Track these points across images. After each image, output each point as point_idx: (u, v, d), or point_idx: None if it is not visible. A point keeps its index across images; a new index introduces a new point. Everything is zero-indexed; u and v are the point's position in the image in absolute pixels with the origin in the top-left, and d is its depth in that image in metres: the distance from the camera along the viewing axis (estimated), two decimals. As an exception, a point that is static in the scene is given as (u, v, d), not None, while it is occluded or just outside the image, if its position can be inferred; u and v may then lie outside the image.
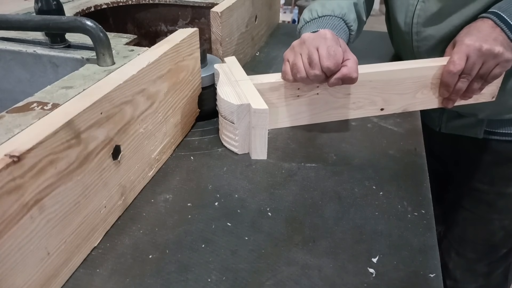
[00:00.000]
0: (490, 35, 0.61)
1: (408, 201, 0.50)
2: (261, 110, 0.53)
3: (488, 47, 0.60)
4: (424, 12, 0.71)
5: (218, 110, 0.59)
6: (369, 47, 0.98)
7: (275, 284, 0.39)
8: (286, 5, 3.86)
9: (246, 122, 0.56)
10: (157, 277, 0.40)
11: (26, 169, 0.31)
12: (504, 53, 0.60)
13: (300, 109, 0.65)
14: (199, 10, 0.88)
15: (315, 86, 0.63)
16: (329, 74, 0.57)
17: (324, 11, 0.68)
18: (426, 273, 0.41)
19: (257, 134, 0.55)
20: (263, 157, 0.57)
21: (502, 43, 0.60)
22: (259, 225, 0.46)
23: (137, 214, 0.48)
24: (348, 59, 0.57)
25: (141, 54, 0.52)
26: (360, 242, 0.44)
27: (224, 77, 0.62)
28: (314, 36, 0.58)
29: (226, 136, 0.59)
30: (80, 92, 0.42)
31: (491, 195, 0.85)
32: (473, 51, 0.61)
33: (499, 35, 0.61)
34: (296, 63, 0.58)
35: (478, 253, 0.93)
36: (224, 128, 0.59)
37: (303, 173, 0.55)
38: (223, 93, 0.57)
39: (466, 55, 0.61)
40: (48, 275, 0.36)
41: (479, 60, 0.61)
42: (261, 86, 0.60)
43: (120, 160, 0.45)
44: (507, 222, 0.87)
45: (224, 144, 0.60)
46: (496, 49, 0.60)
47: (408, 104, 0.70)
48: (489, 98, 0.72)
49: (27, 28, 0.54)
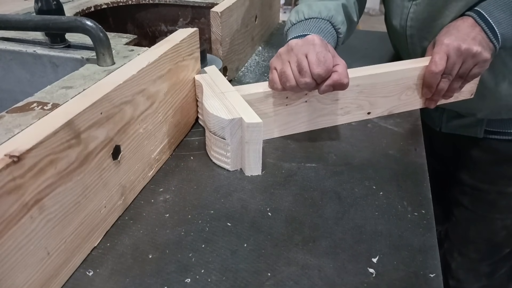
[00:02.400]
0: (469, 34, 0.61)
1: (408, 201, 0.50)
2: (255, 124, 0.50)
3: (466, 46, 0.60)
4: (416, 15, 0.71)
5: (205, 126, 0.56)
6: (369, 47, 0.98)
7: (275, 284, 0.39)
8: (286, 5, 3.86)
9: (238, 137, 0.53)
10: (157, 277, 0.40)
11: (26, 169, 0.31)
12: (482, 53, 0.60)
13: (289, 118, 0.62)
14: (199, 10, 0.88)
15: (303, 94, 0.61)
16: (320, 81, 0.55)
17: (310, 13, 0.66)
18: (426, 273, 0.41)
19: (250, 149, 0.52)
20: (257, 173, 0.54)
21: (480, 42, 0.60)
22: (259, 225, 0.46)
23: (137, 214, 0.48)
24: (337, 65, 0.55)
25: (141, 54, 0.52)
26: (360, 242, 0.44)
27: (208, 89, 0.58)
28: (302, 42, 0.56)
29: (216, 152, 0.55)
30: (80, 92, 0.42)
31: (492, 195, 0.86)
32: (452, 50, 0.60)
33: (478, 34, 0.60)
34: (285, 71, 0.55)
35: (481, 253, 0.93)
36: (213, 144, 0.55)
37: (303, 173, 0.55)
38: (211, 107, 0.53)
39: (446, 54, 0.61)
40: (48, 275, 0.36)
41: (458, 60, 0.61)
42: (249, 97, 0.57)
43: (120, 160, 0.45)
44: (509, 222, 0.87)
45: (214, 161, 0.56)
46: (475, 49, 0.59)
47: (393, 106, 0.69)
48: (468, 96, 0.73)
49: (27, 28, 0.54)
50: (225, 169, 0.55)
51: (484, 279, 0.96)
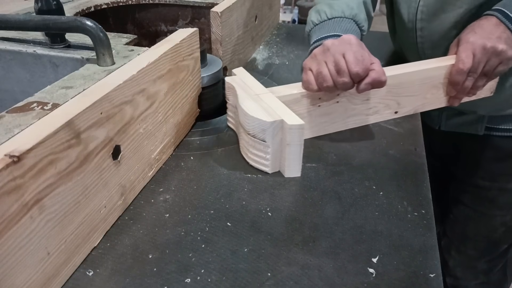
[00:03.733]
0: (493, 33, 0.61)
1: (408, 201, 0.50)
2: (297, 126, 0.50)
3: (491, 44, 0.60)
4: (427, 7, 0.71)
5: (241, 128, 0.55)
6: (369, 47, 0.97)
7: (275, 284, 0.39)
8: (286, 5, 3.86)
9: (279, 139, 0.52)
10: (157, 277, 0.40)
11: (26, 169, 0.31)
12: (507, 51, 0.60)
13: (321, 119, 0.62)
14: (199, 10, 0.88)
15: (335, 95, 0.60)
16: (357, 80, 0.55)
17: (333, 13, 0.66)
18: (426, 273, 0.41)
19: (291, 151, 0.52)
20: (297, 175, 0.54)
21: (506, 40, 0.60)
22: (259, 225, 0.46)
23: (137, 214, 0.48)
24: (373, 63, 0.56)
25: (141, 54, 0.52)
26: (360, 242, 0.44)
27: (241, 91, 0.58)
28: (338, 42, 0.56)
29: (254, 155, 0.55)
30: (80, 92, 0.42)
31: (493, 191, 0.85)
32: (478, 48, 0.61)
33: (503, 33, 0.61)
34: (322, 71, 0.55)
35: (479, 250, 0.93)
36: (251, 146, 0.54)
37: (303, 173, 0.55)
38: (250, 109, 0.53)
39: (472, 52, 0.61)
40: (48, 275, 0.36)
41: (483, 58, 0.61)
42: (283, 98, 0.56)
43: (120, 160, 0.45)
44: (508, 218, 0.87)
45: (251, 163, 0.56)
46: (500, 47, 0.60)
47: (419, 105, 0.70)
48: (488, 94, 0.72)
49: (27, 28, 0.54)
50: (225, 169, 0.55)
51: (482, 276, 0.96)
